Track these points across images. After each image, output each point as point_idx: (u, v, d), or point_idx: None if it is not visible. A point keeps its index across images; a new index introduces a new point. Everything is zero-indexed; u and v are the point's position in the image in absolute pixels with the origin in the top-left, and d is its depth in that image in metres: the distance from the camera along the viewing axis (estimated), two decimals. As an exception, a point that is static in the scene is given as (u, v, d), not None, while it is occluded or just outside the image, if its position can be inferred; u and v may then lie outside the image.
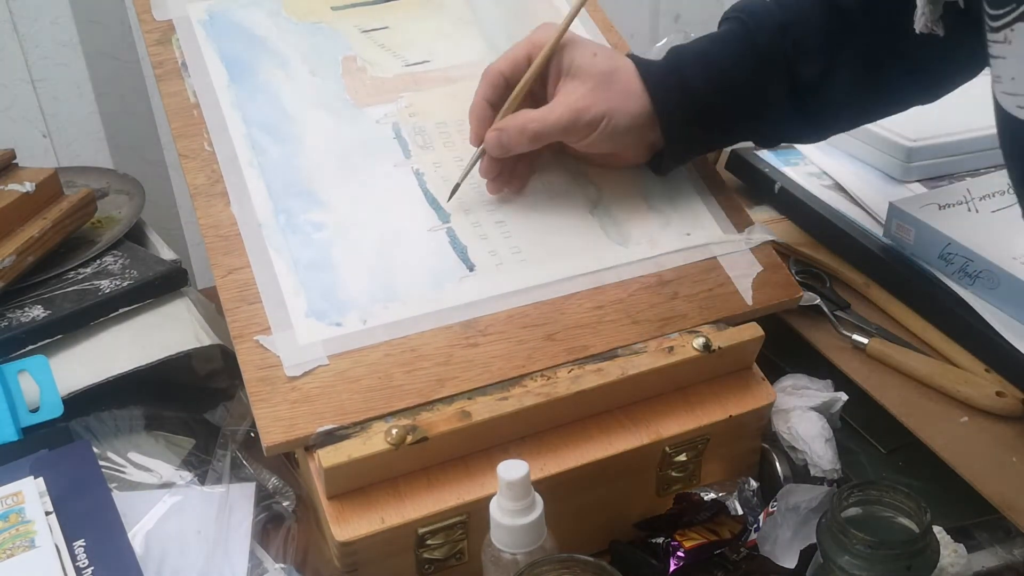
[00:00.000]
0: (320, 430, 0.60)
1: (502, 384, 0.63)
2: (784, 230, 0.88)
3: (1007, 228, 0.58)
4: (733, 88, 0.69)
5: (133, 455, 0.76)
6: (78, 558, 0.62)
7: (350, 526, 0.59)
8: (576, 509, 0.65)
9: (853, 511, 0.55)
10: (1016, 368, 0.70)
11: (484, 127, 0.70)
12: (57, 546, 0.62)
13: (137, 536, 0.68)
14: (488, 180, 0.71)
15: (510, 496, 0.54)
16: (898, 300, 0.79)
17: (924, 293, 0.77)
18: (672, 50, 0.71)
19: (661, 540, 0.65)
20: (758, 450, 0.71)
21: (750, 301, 0.69)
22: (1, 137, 1.25)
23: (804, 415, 0.71)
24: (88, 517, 0.65)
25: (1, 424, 0.71)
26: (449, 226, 0.70)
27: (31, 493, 0.66)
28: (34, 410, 0.73)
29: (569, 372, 0.64)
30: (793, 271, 0.83)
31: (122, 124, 1.34)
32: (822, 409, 0.72)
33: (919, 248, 0.78)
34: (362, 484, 0.60)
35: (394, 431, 0.59)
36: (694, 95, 0.69)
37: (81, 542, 0.63)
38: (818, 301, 0.80)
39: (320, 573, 0.68)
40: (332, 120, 0.76)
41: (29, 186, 0.84)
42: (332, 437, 0.60)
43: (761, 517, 0.66)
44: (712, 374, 0.68)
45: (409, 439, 0.59)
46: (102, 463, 0.73)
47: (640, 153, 0.72)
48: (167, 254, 0.87)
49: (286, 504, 0.73)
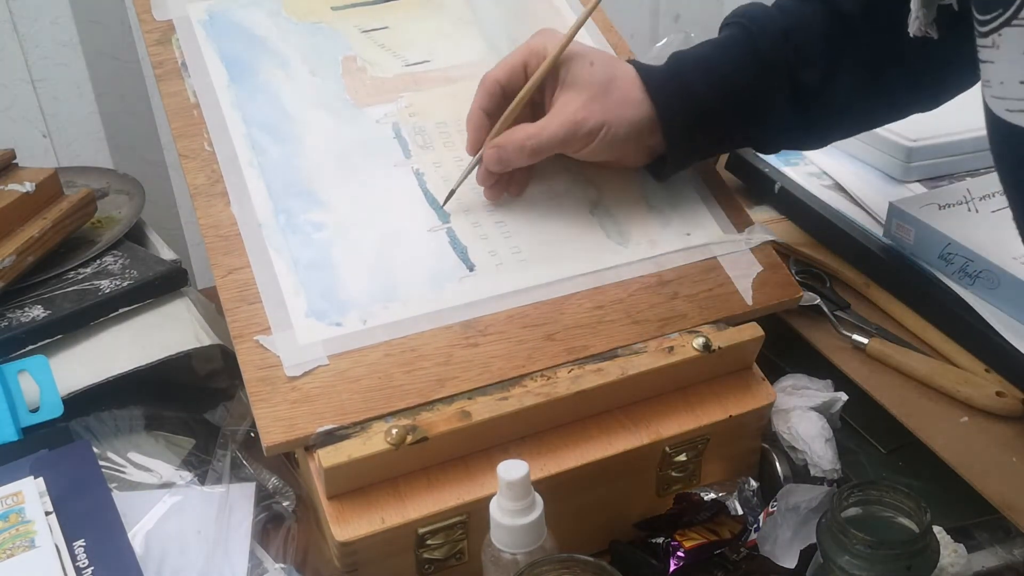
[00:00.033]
0: (320, 430, 0.60)
1: (502, 384, 0.63)
2: (784, 230, 0.88)
3: (1007, 228, 0.58)
4: (735, 93, 0.69)
5: (133, 455, 0.76)
6: (78, 558, 0.62)
7: (350, 526, 0.59)
8: (576, 509, 0.65)
9: (853, 511, 0.55)
10: (1016, 368, 0.70)
11: (480, 136, 0.70)
12: (57, 546, 0.62)
13: (137, 536, 0.68)
14: (486, 188, 0.71)
15: (510, 496, 0.54)
16: (898, 300, 0.79)
17: (924, 293, 0.77)
18: (673, 55, 0.71)
19: (661, 540, 0.65)
20: (758, 450, 0.71)
21: (750, 301, 0.69)
22: (1, 137, 1.24)
23: (804, 415, 0.71)
24: (88, 517, 0.65)
25: (1, 424, 0.71)
26: (449, 226, 0.70)
27: (31, 493, 0.66)
28: (34, 410, 0.73)
29: (569, 372, 0.64)
30: (793, 271, 0.83)
31: (122, 124, 1.33)
32: (822, 409, 0.72)
33: (919, 248, 0.78)
34: (362, 484, 0.60)
35: (394, 431, 0.59)
36: (696, 100, 0.68)
37: (81, 542, 0.63)
38: (818, 301, 0.80)
39: (320, 573, 0.68)
40: (332, 120, 0.76)
41: (29, 186, 0.84)
42: (332, 437, 0.60)
43: (761, 517, 0.66)
44: (712, 374, 0.68)
45: (409, 439, 0.59)
46: (102, 463, 0.73)
47: (640, 159, 0.72)
48: (167, 254, 0.87)
49: (286, 504, 0.73)
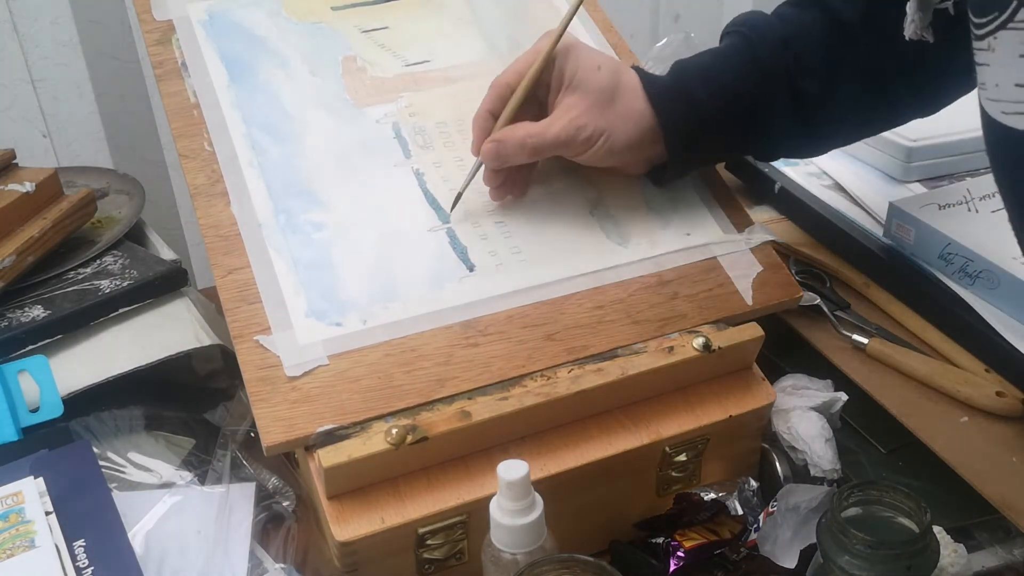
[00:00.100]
0: (320, 430, 0.60)
1: (502, 384, 0.63)
2: (784, 230, 0.88)
3: (1007, 228, 0.58)
4: (736, 102, 0.69)
5: (133, 455, 0.76)
6: (78, 558, 0.62)
7: (350, 526, 0.59)
8: (576, 509, 0.65)
9: (853, 511, 0.55)
10: (1016, 368, 0.70)
11: (485, 137, 0.70)
12: (57, 546, 0.62)
13: (137, 536, 0.68)
14: (491, 189, 0.71)
15: (510, 496, 0.54)
16: (898, 300, 0.79)
17: (924, 293, 0.77)
18: (676, 64, 0.71)
19: (661, 540, 0.65)
20: (758, 450, 0.71)
21: (750, 301, 0.69)
22: (1, 137, 1.24)
23: (804, 415, 0.71)
24: (88, 517, 0.65)
25: (1, 424, 0.71)
26: (449, 226, 0.70)
27: (31, 493, 0.66)
28: (34, 410, 0.73)
29: (569, 372, 0.64)
30: (793, 271, 0.83)
31: (122, 124, 1.33)
32: (822, 409, 0.72)
33: (919, 248, 0.78)
34: (362, 484, 0.60)
35: (394, 431, 0.59)
36: (698, 108, 0.69)
37: (81, 542, 0.63)
38: (818, 301, 0.80)
39: (320, 573, 0.68)
40: (332, 120, 0.76)
41: (29, 186, 0.84)
42: (332, 437, 0.60)
43: (761, 517, 0.66)
44: (712, 374, 0.68)
45: (409, 439, 0.59)
46: (102, 463, 0.73)
47: (640, 166, 0.73)
48: (167, 254, 0.87)
49: (286, 504, 0.73)
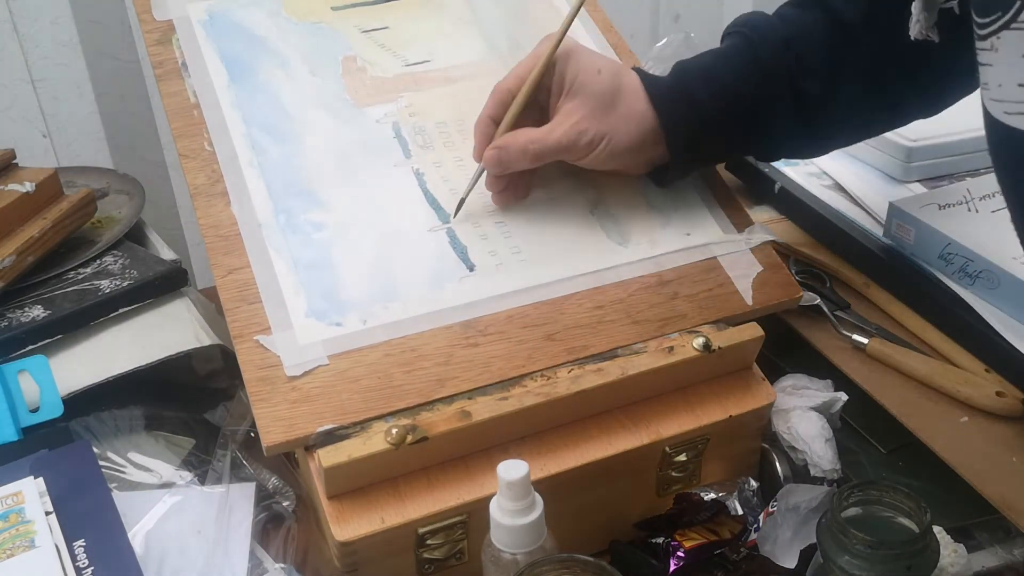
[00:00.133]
0: (320, 430, 0.60)
1: (502, 384, 0.63)
2: (784, 230, 0.88)
3: (1007, 228, 0.58)
4: (737, 102, 0.69)
5: (133, 455, 0.76)
6: (78, 558, 0.62)
7: (350, 526, 0.59)
8: (576, 509, 0.65)
9: (853, 511, 0.55)
10: (1016, 368, 0.70)
11: (487, 143, 0.70)
12: (57, 546, 0.62)
13: (137, 536, 0.68)
14: (494, 193, 0.71)
15: (510, 496, 0.54)
16: (898, 300, 0.79)
17: (924, 293, 0.77)
18: (677, 65, 0.71)
19: (661, 540, 0.65)
20: (758, 450, 0.71)
21: (750, 301, 0.69)
22: (1, 137, 1.24)
23: (804, 415, 0.71)
24: (88, 517, 0.65)
25: (1, 424, 0.71)
26: (449, 226, 0.70)
27: (31, 493, 0.66)
28: (34, 410, 0.73)
29: (569, 372, 0.64)
30: (793, 271, 0.83)
31: (122, 124, 1.33)
32: (822, 409, 0.72)
33: (919, 248, 0.78)
34: (362, 484, 0.60)
35: (394, 431, 0.59)
36: (700, 109, 0.69)
37: (81, 542, 0.63)
38: (818, 301, 0.80)
39: (320, 573, 0.68)
40: (332, 120, 0.76)
41: (29, 186, 0.84)
42: (332, 437, 0.60)
43: (761, 517, 0.66)
44: (712, 374, 0.68)
45: (409, 439, 0.59)
46: (102, 463, 0.73)
47: (641, 168, 0.73)
48: (167, 254, 0.87)
49: (286, 504, 0.73)
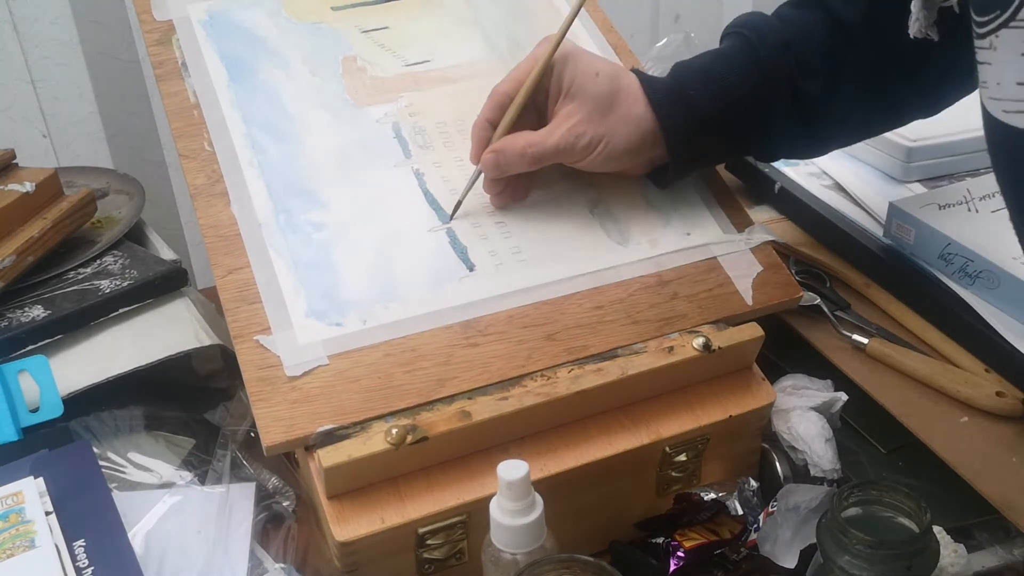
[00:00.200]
0: (320, 430, 0.60)
1: (502, 384, 0.63)
2: (784, 230, 0.88)
3: (1007, 228, 0.58)
4: (737, 103, 0.69)
5: (133, 455, 0.76)
6: (78, 558, 0.62)
7: (350, 526, 0.59)
8: (576, 509, 0.65)
9: (853, 511, 0.55)
10: (1016, 368, 0.70)
11: (484, 146, 0.70)
12: (57, 546, 0.62)
13: (137, 536, 0.68)
14: (492, 196, 0.71)
15: (510, 496, 0.54)
16: (898, 300, 0.79)
17: (924, 293, 0.77)
18: (676, 65, 0.71)
19: (661, 540, 0.65)
20: (758, 450, 0.71)
21: (750, 301, 0.69)
22: (1, 137, 1.24)
23: (804, 415, 0.71)
24: (88, 517, 0.65)
25: (1, 424, 0.71)
26: (449, 226, 0.70)
27: (31, 493, 0.66)
28: (34, 410, 0.73)
29: (569, 372, 0.64)
30: (793, 271, 0.83)
31: (122, 124, 1.33)
32: (822, 409, 0.72)
33: (919, 248, 0.78)
34: (362, 484, 0.60)
35: (394, 431, 0.59)
36: (699, 110, 0.69)
37: (81, 542, 0.63)
38: (818, 301, 0.80)
39: (320, 573, 0.68)
40: (332, 120, 0.76)
41: (29, 186, 0.84)
42: (332, 437, 0.60)
43: (761, 517, 0.66)
44: (712, 374, 0.68)
45: (409, 439, 0.59)
46: (102, 463, 0.73)
47: (641, 169, 0.73)
48: (167, 254, 0.87)
49: (286, 504, 0.73)
